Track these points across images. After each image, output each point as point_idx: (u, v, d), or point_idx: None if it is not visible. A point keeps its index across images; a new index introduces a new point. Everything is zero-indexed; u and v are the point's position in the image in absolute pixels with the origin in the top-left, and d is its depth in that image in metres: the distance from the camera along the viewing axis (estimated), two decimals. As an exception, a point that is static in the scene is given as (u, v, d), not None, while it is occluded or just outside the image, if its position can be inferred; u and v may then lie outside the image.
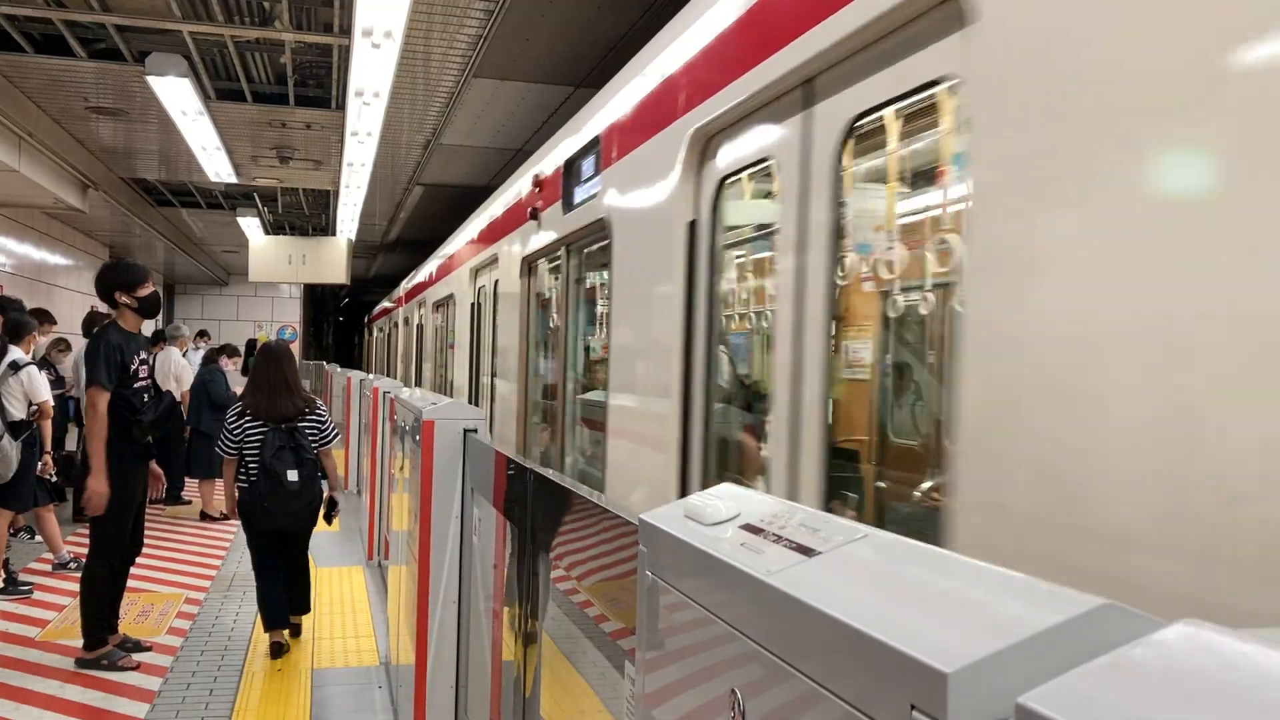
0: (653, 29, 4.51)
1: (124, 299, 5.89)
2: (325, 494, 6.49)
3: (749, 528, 1.19)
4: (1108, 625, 0.74)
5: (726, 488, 1.39)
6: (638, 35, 6.49)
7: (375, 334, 24.61)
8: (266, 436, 6.05)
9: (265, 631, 6.24)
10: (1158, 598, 1.48)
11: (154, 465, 6.19)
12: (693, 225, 3.46)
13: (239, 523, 10.62)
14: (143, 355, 6.02)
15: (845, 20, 2.39)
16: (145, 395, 5.99)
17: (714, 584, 1.15)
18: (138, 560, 8.66)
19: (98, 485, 5.65)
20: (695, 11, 3.58)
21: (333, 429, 6.42)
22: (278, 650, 6.09)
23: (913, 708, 0.75)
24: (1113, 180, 1.65)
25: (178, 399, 10.96)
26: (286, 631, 6.30)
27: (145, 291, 5.95)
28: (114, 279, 5.92)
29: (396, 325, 18.02)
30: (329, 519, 6.71)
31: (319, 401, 6.51)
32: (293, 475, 6.03)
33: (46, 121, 9.81)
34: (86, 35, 7.56)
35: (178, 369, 11.15)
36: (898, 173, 2.67)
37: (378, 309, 24.56)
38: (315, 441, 6.22)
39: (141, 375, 5.97)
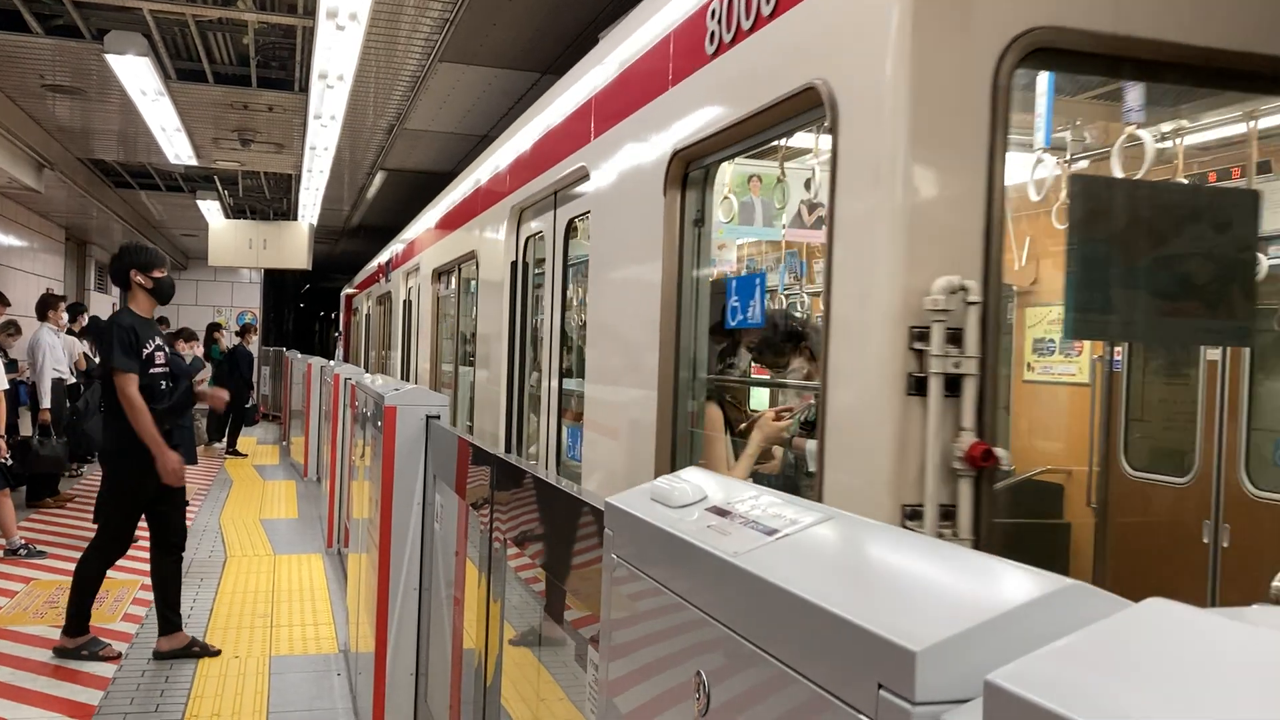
0: (617, 14, 4.49)
1: (139, 278, 5.82)
2: None
3: (715, 510, 1.19)
4: (1075, 604, 0.74)
5: (694, 471, 1.39)
6: (603, 21, 6.47)
7: (368, 308, 16.66)
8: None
9: None
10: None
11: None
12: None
13: (196, 509, 10.56)
14: (158, 341, 5.89)
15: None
16: (163, 383, 5.82)
17: (680, 566, 1.14)
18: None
19: (168, 463, 5.65)
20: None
21: None
22: None
23: (880, 686, 0.75)
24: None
25: None
26: None
27: (160, 274, 5.91)
28: (131, 258, 5.85)
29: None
30: None
31: None
32: None
33: (0, 99, 9.62)
34: (43, 11, 7.41)
35: None
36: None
37: (366, 274, 16.23)
38: None
39: (158, 361, 5.81)
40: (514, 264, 5.56)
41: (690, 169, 3.29)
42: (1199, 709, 0.56)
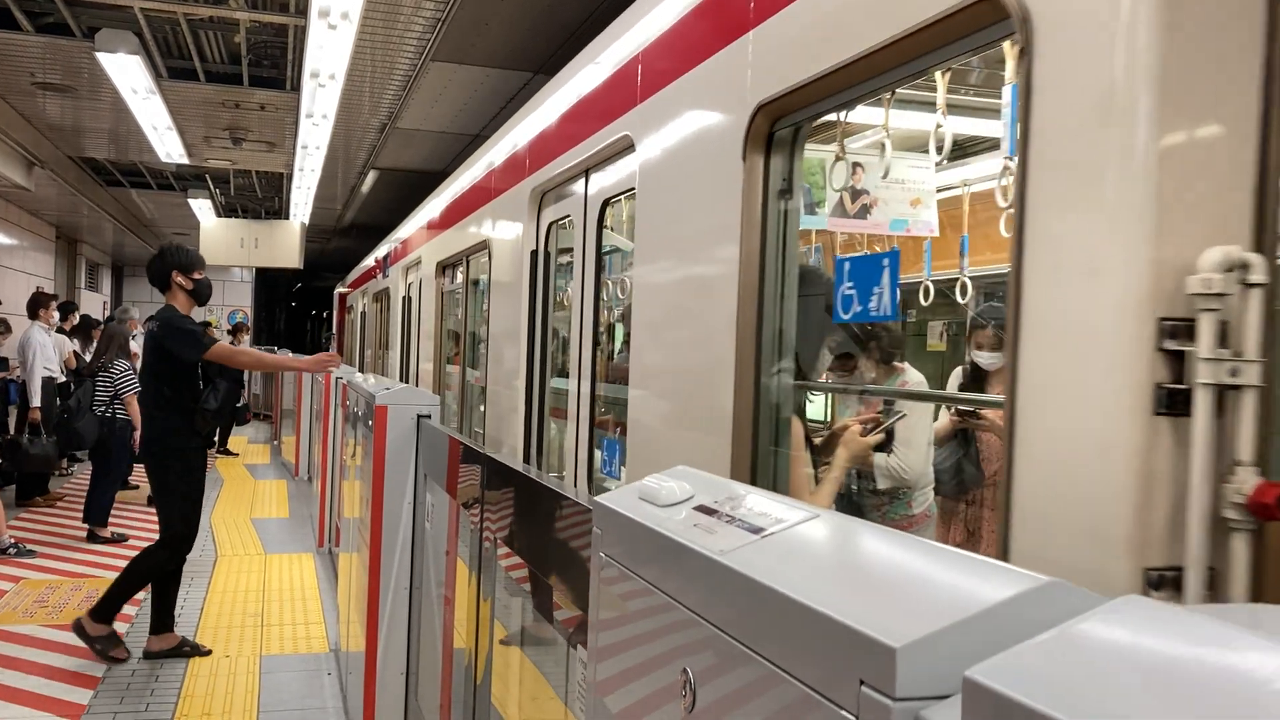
0: (612, 14, 4.48)
1: (180, 279, 5.84)
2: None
3: (702, 509, 1.20)
4: (1053, 601, 0.75)
5: (682, 470, 1.39)
6: (597, 20, 6.48)
7: (364, 306, 15.41)
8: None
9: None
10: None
11: None
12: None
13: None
14: None
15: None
16: (200, 382, 5.90)
17: (667, 564, 1.15)
18: (89, 547, 8.60)
19: (315, 363, 5.93)
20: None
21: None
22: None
23: (861, 683, 0.76)
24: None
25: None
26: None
27: (200, 275, 5.93)
28: (173, 259, 5.86)
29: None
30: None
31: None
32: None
33: (-9, 97, 9.61)
34: (34, 9, 7.39)
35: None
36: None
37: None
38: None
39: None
40: (534, 254, 4.95)
41: (777, 127, 2.69)
42: (1172, 704, 0.57)
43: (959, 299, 3.49)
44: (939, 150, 2.78)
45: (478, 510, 2.87)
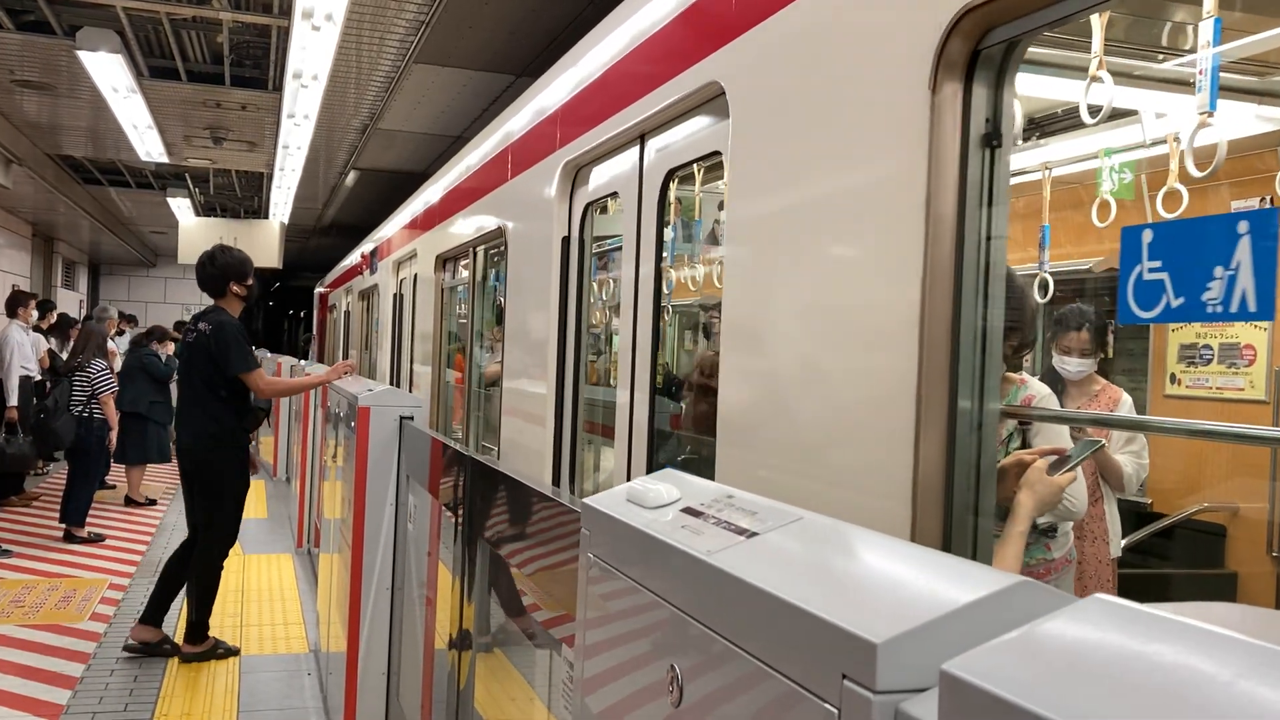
0: (595, 18, 4.50)
1: (235, 288, 5.96)
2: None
3: (689, 511, 1.23)
4: (1025, 600, 0.79)
5: (669, 473, 1.43)
6: (581, 24, 6.51)
7: (348, 305, 14.29)
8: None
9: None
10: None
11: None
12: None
13: (165, 508, 10.49)
14: None
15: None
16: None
17: (654, 564, 1.18)
18: (65, 546, 8.56)
19: (338, 371, 5.98)
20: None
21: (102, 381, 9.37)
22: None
23: (844, 677, 0.80)
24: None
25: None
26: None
27: (251, 281, 6.08)
28: (229, 267, 5.92)
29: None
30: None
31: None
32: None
33: (-31, 94, 9.54)
34: (14, 7, 7.36)
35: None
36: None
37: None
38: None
39: None
40: (565, 240, 4.19)
41: (984, 43, 1.88)
42: (1130, 695, 0.61)
43: (1038, 298, 2.89)
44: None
45: (460, 511, 2.90)
